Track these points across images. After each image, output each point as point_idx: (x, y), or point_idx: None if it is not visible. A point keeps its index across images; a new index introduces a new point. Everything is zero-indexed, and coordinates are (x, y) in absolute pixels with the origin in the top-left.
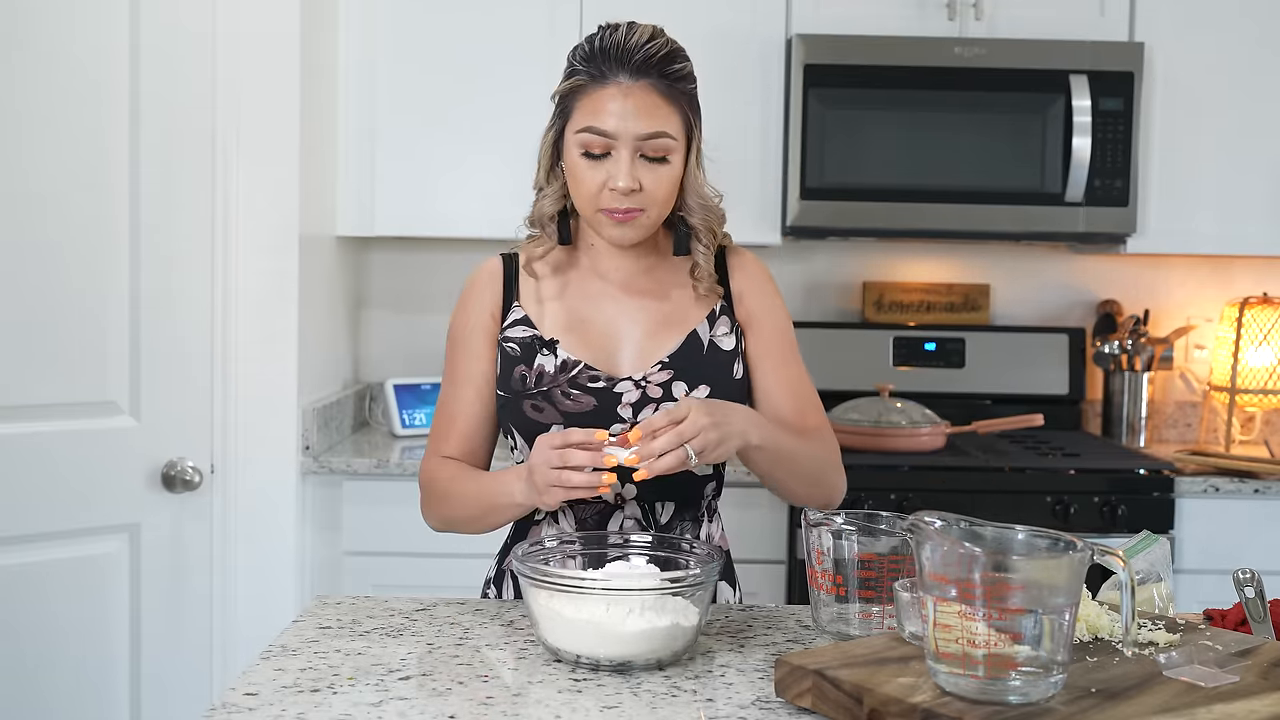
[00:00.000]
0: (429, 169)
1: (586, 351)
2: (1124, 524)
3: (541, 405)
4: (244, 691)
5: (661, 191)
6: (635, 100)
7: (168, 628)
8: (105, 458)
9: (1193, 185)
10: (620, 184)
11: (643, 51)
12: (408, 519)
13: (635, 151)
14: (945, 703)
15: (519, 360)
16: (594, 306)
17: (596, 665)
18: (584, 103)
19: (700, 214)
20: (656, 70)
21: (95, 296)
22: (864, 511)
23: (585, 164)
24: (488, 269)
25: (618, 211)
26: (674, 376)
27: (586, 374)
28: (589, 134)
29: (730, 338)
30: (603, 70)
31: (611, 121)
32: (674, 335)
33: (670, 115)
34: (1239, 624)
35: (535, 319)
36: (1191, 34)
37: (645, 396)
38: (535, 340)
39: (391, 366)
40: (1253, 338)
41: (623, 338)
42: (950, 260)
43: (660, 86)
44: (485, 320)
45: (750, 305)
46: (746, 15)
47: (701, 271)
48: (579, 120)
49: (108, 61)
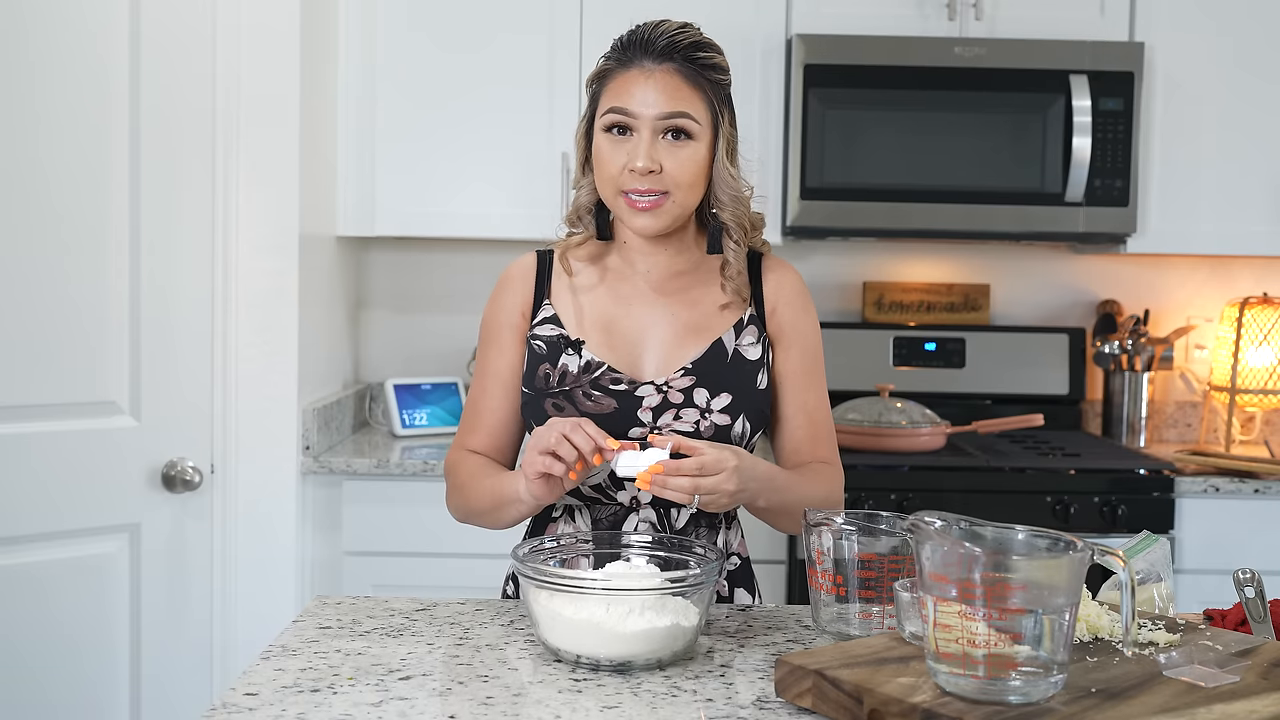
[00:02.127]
0: (429, 169)
1: (611, 353)
2: (1124, 524)
3: (563, 404)
4: (244, 691)
5: (684, 174)
6: (657, 81)
7: (168, 628)
8: (105, 458)
9: (1193, 185)
10: (639, 163)
11: (668, 38)
12: (408, 519)
13: (656, 132)
14: (945, 703)
15: (544, 358)
16: (623, 307)
17: (596, 665)
18: (610, 86)
19: (731, 208)
20: (681, 55)
21: (95, 297)
22: (864, 511)
23: (608, 144)
24: (522, 264)
25: (639, 195)
26: (696, 383)
27: (609, 376)
28: (612, 114)
29: (757, 348)
30: (629, 56)
31: (633, 100)
32: (699, 341)
33: (693, 97)
34: (1239, 624)
35: (564, 316)
36: (1191, 34)
37: (666, 401)
38: (561, 339)
39: (391, 366)
40: (1253, 338)
41: (648, 341)
42: (950, 260)
43: (684, 70)
44: (515, 318)
45: (783, 320)
46: (747, 15)
47: (732, 269)
48: (605, 103)
49: (107, 61)
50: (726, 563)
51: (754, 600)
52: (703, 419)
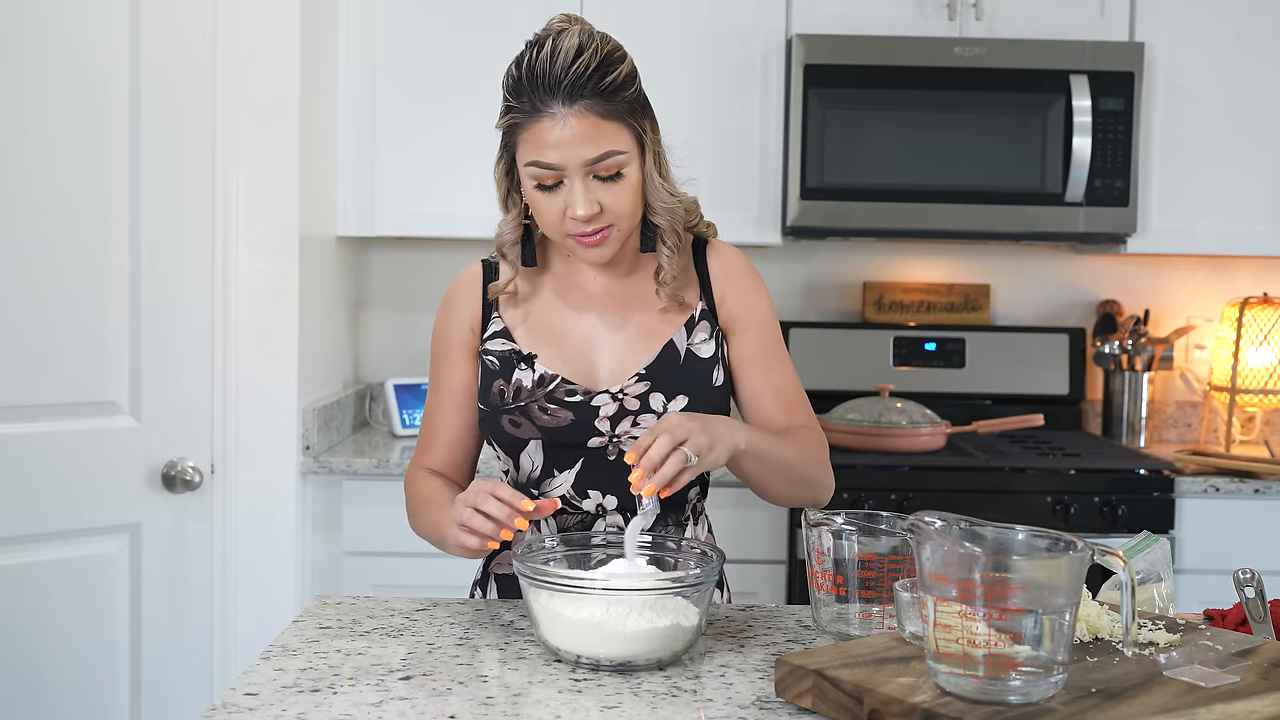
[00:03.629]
0: (429, 169)
1: (564, 364)
2: (1124, 524)
3: (519, 420)
4: (244, 691)
5: (624, 206)
6: (574, 127)
7: (168, 628)
8: (105, 458)
9: (1193, 185)
10: (579, 212)
11: (570, 75)
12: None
13: (587, 175)
14: (945, 703)
15: (497, 374)
16: (572, 317)
17: (597, 665)
18: (525, 137)
19: (665, 215)
20: (590, 89)
21: (95, 297)
22: (864, 511)
23: (541, 196)
24: (468, 276)
25: (585, 235)
26: (651, 388)
27: (564, 388)
28: (536, 168)
29: (709, 344)
30: (534, 103)
31: (554, 154)
32: (650, 346)
33: (615, 131)
34: (1239, 624)
35: (514, 330)
36: (1192, 34)
37: (623, 409)
38: (513, 354)
39: (391, 366)
40: (1253, 338)
41: (600, 349)
42: (950, 260)
43: (597, 106)
44: (464, 333)
45: (733, 307)
46: (747, 15)
47: (666, 274)
48: (524, 154)
49: (108, 62)
50: None
51: (723, 595)
52: None
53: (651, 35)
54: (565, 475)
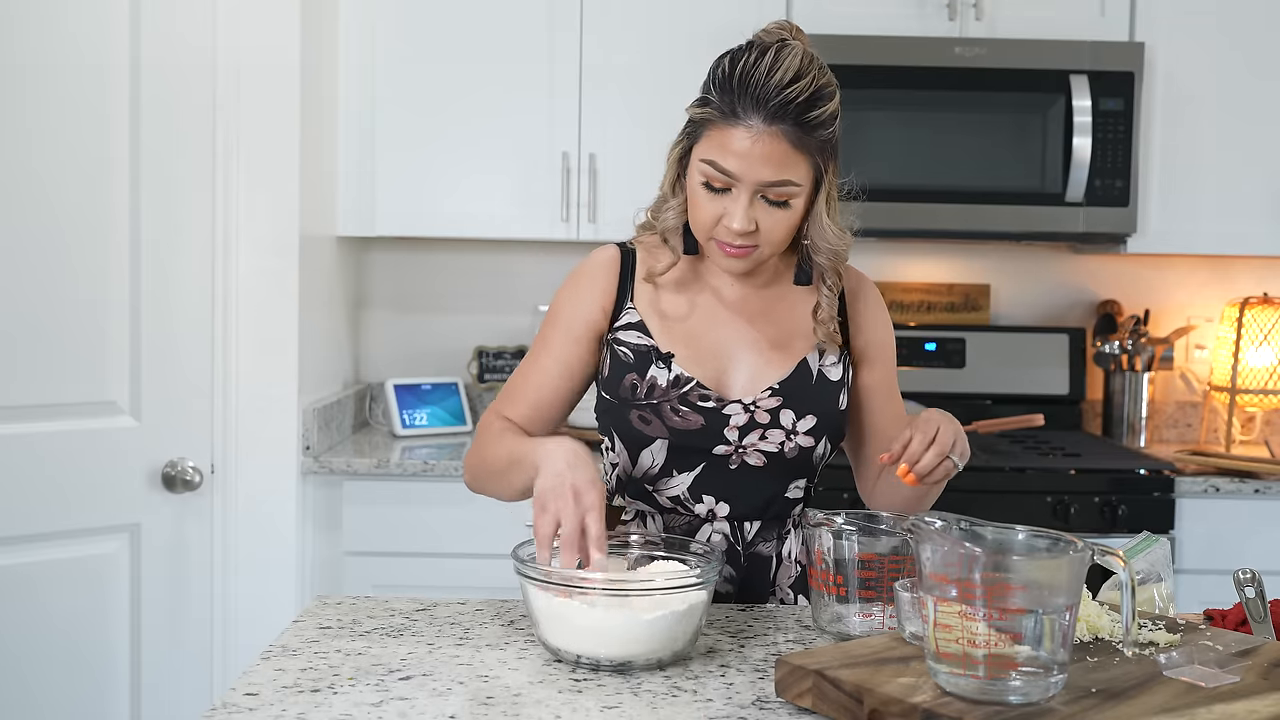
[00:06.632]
0: (429, 169)
1: (699, 368)
2: (1124, 524)
3: (650, 418)
4: (244, 691)
5: (778, 234)
6: (763, 146)
7: (168, 628)
8: (105, 458)
9: (1193, 185)
10: (735, 225)
11: (781, 96)
12: (408, 519)
13: (755, 194)
14: (946, 703)
15: (631, 368)
16: (709, 323)
17: (597, 665)
18: (712, 134)
19: (827, 254)
20: (793, 118)
21: (95, 296)
22: (864, 511)
23: (705, 194)
24: (605, 258)
25: (731, 245)
26: (783, 404)
27: (698, 392)
28: (711, 168)
29: (838, 368)
30: (735, 108)
31: (735, 163)
32: (785, 361)
33: (798, 163)
34: (1239, 624)
35: (650, 326)
36: (1191, 34)
37: (753, 421)
38: (651, 350)
39: (391, 366)
40: (1253, 338)
41: (735, 359)
42: (950, 260)
43: (792, 135)
44: (595, 313)
45: (869, 338)
46: (748, 15)
47: (824, 314)
48: (704, 149)
49: (108, 61)
50: (791, 570)
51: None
52: (788, 440)
53: (652, 34)
54: (684, 477)
